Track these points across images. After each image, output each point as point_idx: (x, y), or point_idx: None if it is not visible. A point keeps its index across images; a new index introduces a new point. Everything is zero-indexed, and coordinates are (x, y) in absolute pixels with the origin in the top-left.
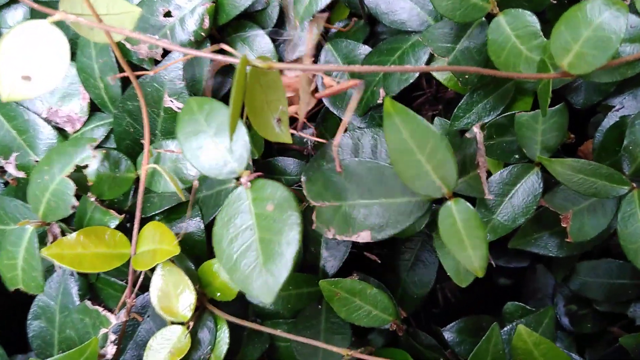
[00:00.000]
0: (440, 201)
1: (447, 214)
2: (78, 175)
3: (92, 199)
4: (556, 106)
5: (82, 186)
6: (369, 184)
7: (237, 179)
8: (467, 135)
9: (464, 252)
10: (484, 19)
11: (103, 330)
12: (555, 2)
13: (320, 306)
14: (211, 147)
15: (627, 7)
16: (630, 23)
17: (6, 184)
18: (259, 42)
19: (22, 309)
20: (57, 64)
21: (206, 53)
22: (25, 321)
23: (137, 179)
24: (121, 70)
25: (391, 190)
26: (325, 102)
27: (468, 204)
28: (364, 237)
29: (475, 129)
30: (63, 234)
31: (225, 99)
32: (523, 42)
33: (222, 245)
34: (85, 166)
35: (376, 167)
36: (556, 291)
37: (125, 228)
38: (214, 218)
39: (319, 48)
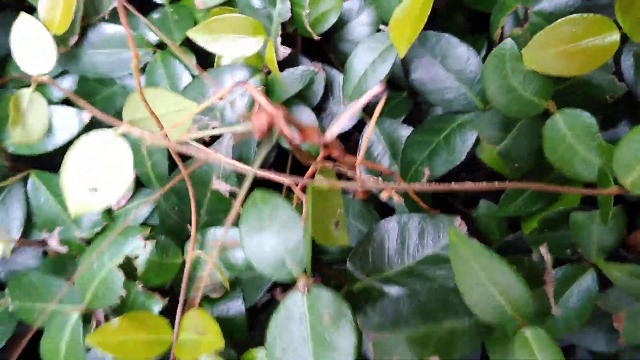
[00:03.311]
0: None
1: (522, 343)
2: (127, 264)
3: (140, 287)
4: (614, 207)
5: (130, 275)
6: (432, 308)
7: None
8: (534, 257)
9: None
10: None
11: None
12: (611, 101)
13: None
14: (272, 245)
15: None
16: None
17: (44, 253)
18: (304, 118)
19: None
20: (122, 174)
21: (274, 175)
22: None
23: (183, 263)
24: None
25: (457, 314)
26: None
27: (543, 331)
28: None
29: (542, 250)
30: (107, 318)
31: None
32: (580, 143)
33: (274, 354)
34: (136, 256)
35: (440, 290)
36: None
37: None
38: (257, 302)
39: (362, 124)
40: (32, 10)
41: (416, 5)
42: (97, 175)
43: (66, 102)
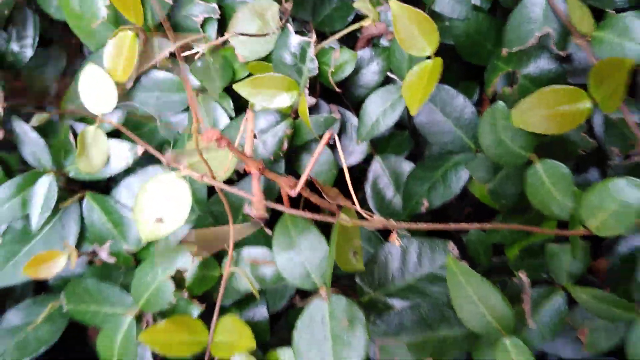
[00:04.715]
0: None
1: (503, 350)
2: (178, 276)
3: (185, 295)
4: (582, 242)
5: (179, 285)
6: (430, 321)
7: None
8: (515, 280)
9: None
10: None
11: None
12: (584, 153)
13: None
14: (300, 260)
15: None
16: None
17: (90, 263)
18: (322, 154)
19: None
20: (182, 208)
21: (301, 212)
22: None
23: (219, 275)
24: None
25: (450, 326)
26: None
27: (520, 340)
28: None
29: (522, 275)
30: (154, 320)
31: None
32: (556, 189)
33: (300, 349)
34: (185, 270)
35: (436, 305)
36: None
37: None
38: (279, 309)
39: (368, 159)
40: (77, 47)
41: (426, 72)
42: (162, 209)
43: (115, 134)
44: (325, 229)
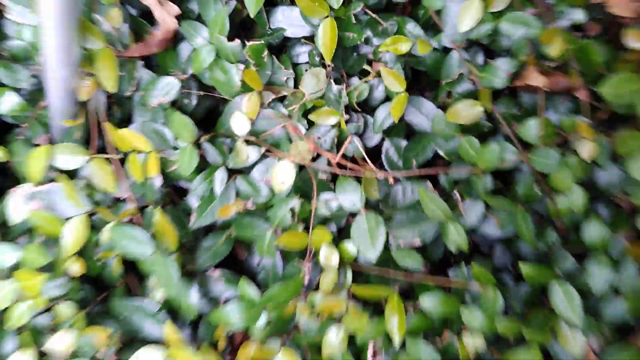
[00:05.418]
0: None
1: (448, 229)
2: (291, 211)
3: (295, 219)
4: (487, 174)
5: (292, 214)
6: (417, 218)
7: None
8: (453, 196)
9: (457, 241)
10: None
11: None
12: (488, 130)
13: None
14: (350, 196)
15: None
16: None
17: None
18: (353, 143)
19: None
20: (290, 176)
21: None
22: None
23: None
24: None
25: (426, 221)
26: None
27: (457, 223)
28: (417, 242)
29: (456, 193)
30: (281, 232)
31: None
32: (471, 148)
33: (354, 236)
34: (294, 207)
35: (419, 214)
36: (505, 254)
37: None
38: (341, 225)
39: (382, 141)
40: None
41: (400, 101)
42: (282, 177)
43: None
44: (359, 180)
